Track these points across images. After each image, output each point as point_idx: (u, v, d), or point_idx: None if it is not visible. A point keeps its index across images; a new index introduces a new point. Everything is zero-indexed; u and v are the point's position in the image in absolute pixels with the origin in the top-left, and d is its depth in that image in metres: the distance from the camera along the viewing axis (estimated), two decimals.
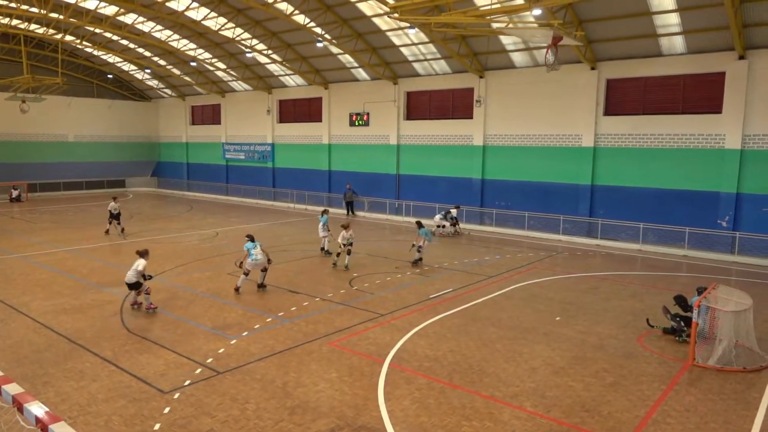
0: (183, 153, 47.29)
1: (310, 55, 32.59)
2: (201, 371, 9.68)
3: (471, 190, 29.02)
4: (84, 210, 33.19)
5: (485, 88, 27.95)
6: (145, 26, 33.46)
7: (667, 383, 9.50)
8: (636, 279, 17.37)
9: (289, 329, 11.97)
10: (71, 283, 15.66)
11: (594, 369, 10.07)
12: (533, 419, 8.17)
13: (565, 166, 25.69)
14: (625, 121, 23.96)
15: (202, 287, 15.42)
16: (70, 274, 16.80)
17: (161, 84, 45.53)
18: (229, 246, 21.61)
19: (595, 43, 23.28)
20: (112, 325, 12.10)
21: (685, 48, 21.95)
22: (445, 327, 12.25)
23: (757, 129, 20.79)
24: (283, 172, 39.07)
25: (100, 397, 8.69)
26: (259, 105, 39.73)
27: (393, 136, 32.16)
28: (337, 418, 8.10)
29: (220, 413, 8.20)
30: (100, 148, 45.93)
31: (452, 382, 9.42)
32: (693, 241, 21.55)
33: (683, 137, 22.51)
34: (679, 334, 11.67)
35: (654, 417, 8.30)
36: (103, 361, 10.08)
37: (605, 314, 13.41)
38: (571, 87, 25.01)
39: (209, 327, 12.06)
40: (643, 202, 23.60)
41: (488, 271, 17.95)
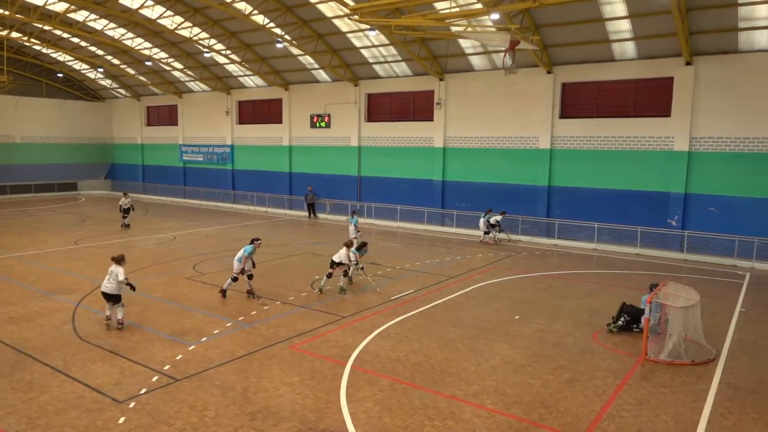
0: (138, 155, 45.98)
1: (269, 56, 32.24)
2: (158, 379, 9.43)
3: (432, 192, 29.28)
4: (32, 214, 31.86)
5: (445, 91, 28.26)
6: (97, 24, 32.42)
7: (621, 378, 9.80)
8: (591, 277, 17.87)
9: (249, 334, 11.79)
10: (18, 291, 15.00)
11: (552, 366, 10.30)
12: (494, 417, 8.29)
13: (523, 168, 26.23)
14: (580, 124, 24.65)
15: (159, 292, 15.02)
16: (17, 281, 16.09)
17: (115, 84, 44.17)
18: (187, 250, 21.13)
19: (551, 47, 23.87)
20: (63, 334, 11.65)
21: (636, 54, 22.75)
22: (406, 328, 12.31)
23: (704, 132, 21.72)
24: (243, 174, 38.49)
25: (51, 408, 8.35)
26: (217, 106, 39.03)
27: (354, 138, 32.14)
28: (299, 422, 8.02)
29: (178, 421, 8.01)
30: (50, 150, 44.19)
31: (414, 382, 9.47)
32: (645, 240, 22.34)
33: (635, 140, 23.31)
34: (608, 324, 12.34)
35: (609, 411, 8.55)
36: (53, 371, 9.69)
37: (562, 312, 13.74)
38: (528, 90, 25.56)
39: (166, 333, 11.76)
40: (597, 202, 24.31)
41: (449, 272, 18.14)
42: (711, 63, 21.26)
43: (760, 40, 20.09)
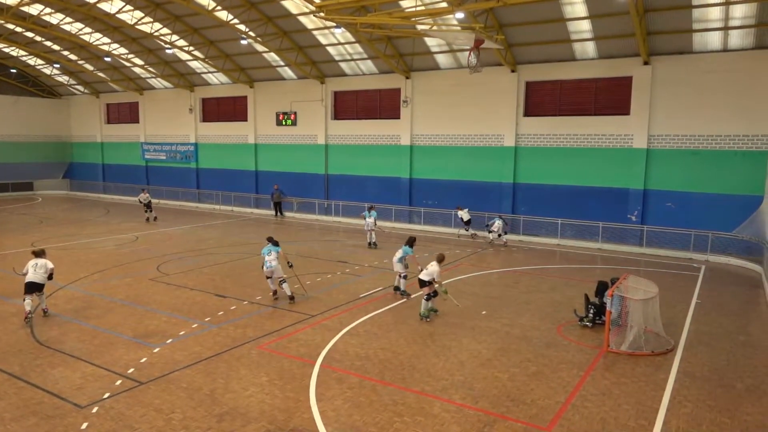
0: (98, 153, 44.67)
1: (234, 53, 31.77)
2: (121, 382, 9.22)
3: (399, 190, 29.39)
4: None
5: (411, 89, 28.39)
6: (53, 18, 31.32)
7: (584, 370, 10.07)
8: (555, 272, 18.26)
9: (216, 334, 11.63)
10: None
11: (518, 359, 10.50)
12: (462, 411, 8.41)
13: (489, 165, 26.58)
14: (543, 122, 25.13)
15: (121, 294, 14.66)
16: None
17: (72, 80, 42.78)
18: (150, 251, 20.68)
19: (514, 46, 24.24)
20: (20, 338, 11.27)
21: (596, 53, 23.31)
22: (375, 325, 12.35)
23: (661, 130, 22.44)
24: (208, 172, 37.84)
25: (8, 416, 8.07)
26: (180, 103, 38.24)
27: (321, 136, 31.98)
28: (268, 423, 7.96)
29: (144, 425, 7.85)
30: (4, 149, 42.51)
31: (383, 379, 9.51)
32: (606, 235, 22.96)
33: (596, 137, 23.90)
34: (581, 319, 12.57)
35: (573, 402, 8.77)
36: (10, 378, 9.37)
37: (527, 307, 14.01)
38: (493, 89, 25.90)
39: (130, 336, 11.50)
40: (561, 198, 24.84)
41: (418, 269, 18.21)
42: (667, 63, 21.97)
43: (713, 41, 20.85)
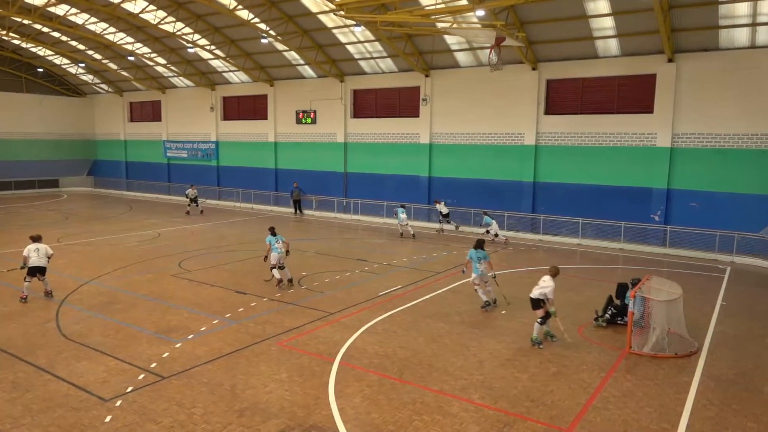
0: (121, 151, 45.41)
1: (254, 52, 32.00)
2: (144, 377, 9.37)
3: (418, 188, 29.34)
4: (12, 212, 31.34)
5: (431, 87, 28.30)
6: (78, 18, 31.89)
7: (606, 371, 9.95)
8: (576, 272, 18.07)
9: (236, 331, 11.75)
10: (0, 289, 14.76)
11: (538, 360, 10.41)
12: (481, 411, 8.37)
13: (509, 164, 26.39)
14: (564, 121, 24.86)
15: (144, 290, 14.89)
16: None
17: (97, 79, 43.53)
18: (172, 247, 20.96)
19: (535, 44, 24.01)
20: (47, 332, 11.52)
21: (619, 50, 22.98)
22: (394, 324, 12.35)
23: (685, 128, 22.04)
24: (228, 170, 38.22)
25: (35, 407, 8.26)
26: (202, 102, 38.67)
27: (340, 134, 32.06)
28: (288, 419, 8.02)
29: (166, 419, 7.97)
30: (31, 147, 43.47)
31: (402, 377, 9.51)
32: (628, 235, 22.63)
33: (618, 136, 23.57)
34: (596, 318, 12.48)
35: (594, 403, 8.67)
36: (37, 370, 9.58)
37: None
38: (513, 87, 25.69)
39: (152, 331, 11.67)
40: (581, 198, 24.56)
41: (436, 267, 18.21)
42: (692, 60, 21.56)
43: (740, 37, 20.41)
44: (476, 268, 13.32)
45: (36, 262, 13.54)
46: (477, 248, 13.48)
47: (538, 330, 11.18)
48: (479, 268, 13.29)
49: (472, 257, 13.43)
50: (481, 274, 13.33)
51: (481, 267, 13.31)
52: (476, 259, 13.33)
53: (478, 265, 13.28)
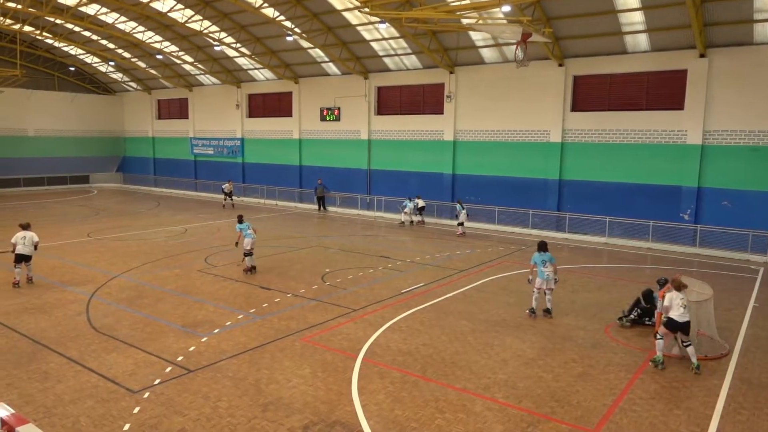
0: (149, 148, 46.26)
1: (279, 49, 32.23)
2: (171, 370, 9.53)
3: (442, 185, 29.22)
4: (45, 207, 32.20)
5: (455, 84, 28.13)
6: (108, 17, 32.54)
7: (633, 372, 9.77)
8: (602, 271, 17.79)
9: (261, 326, 11.87)
10: (34, 282, 15.18)
11: (563, 360, 10.28)
12: (505, 410, 8.31)
13: (534, 161, 26.09)
14: (591, 117, 24.46)
15: (171, 285, 15.15)
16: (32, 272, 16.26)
17: (126, 77, 44.38)
18: (198, 243, 21.27)
19: (562, 40, 23.67)
20: (78, 325, 11.80)
21: (649, 46, 22.50)
22: (417, 321, 12.33)
23: (717, 125, 21.48)
24: (253, 167, 38.61)
25: (67, 398, 8.47)
26: (227, 99, 39.13)
27: (364, 131, 32.11)
28: (311, 414, 8.08)
29: (192, 412, 8.10)
30: (63, 143, 44.58)
31: (425, 375, 9.49)
32: (657, 234, 22.18)
33: (647, 133, 23.10)
34: (620, 318, 12.27)
35: (621, 405, 8.53)
36: (68, 362, 9.83)
37: (573, 306, 13.69)
38: (539, 83, 25.38)
39: (179, 325, 11.87)
40: (609, 196, 24.15)
41: (459, 265, 18.12)
42: (725, 55, 20.99)
43: None
44: (542, 272, 12.43)
45: (21, 250, 14.41)
46: (541, 251, 12.53)
47: (692, 354, 9.90)
48: (545, 272, 12.41)
49: (536, 261, 12.51)
50: (548, 278, 12.43)
51: (547, 271, 12.40)
52: (541, 262, 12.43)
53: (544, 268, 12.39)
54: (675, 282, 10.15)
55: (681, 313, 9.80)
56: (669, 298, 9.98)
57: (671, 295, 9.99)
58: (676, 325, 9.87)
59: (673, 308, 9.87)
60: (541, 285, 12.53)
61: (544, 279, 12.45)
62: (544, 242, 12.83)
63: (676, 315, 9.82)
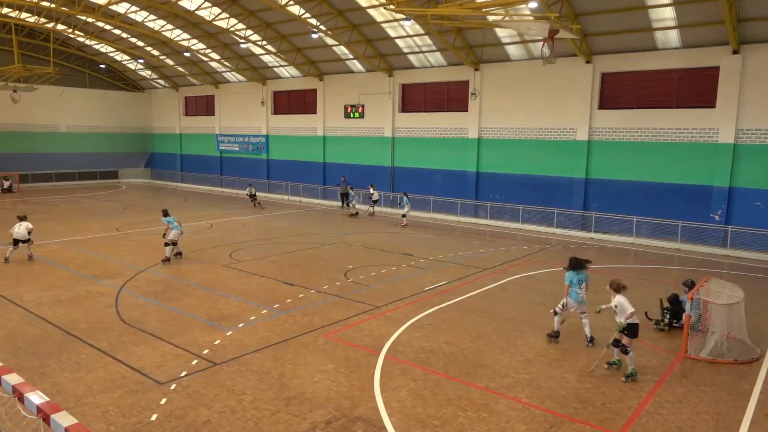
0: (176, 144, 47.02)
1: (304, 47, 32.42)
2: (197, 362, 9.70)
3: (466, 183, 29.07)
4: (76, 201, 32.98)
5: (480, 81, 27.94)
6: (138, 15, 33.14)
7: (659, 375, 9.61)
8: (629, 272, 17.50)
9: (284, 321, 11.99)
10: (65, 275, 15.60)
11: (587, 361, 10.15)
12: (528, 410, 8.25)
13: (560, 160, 25.78)
14: (620, 115, 24.05)
15: (197, 279, 15.39)
16: (63, 265, 16.73)
17: (154, 74, 45.16)
18: (223, 238, 21.57)
19: (590, 36, 23.31)
20: (107, 317, 12.08)
21: (679, 42, 22.02)
22: (440, 319, 12.31)
23: (750, 123, 20.92)
24: (278, 163, 38.96)
25: (97, 388, 8.69)
26: (253, 96, 39.53)
27: (388, 129, 32.12)
28: (334, 409, 8.14)
29: (217, 404, 8.23)
30: (93, 139, 45.60)
31: (448, 373, 9.48)
32: (686, 235, 21.72)
33: (677, 131, 22.62)
34: (657, 323, 11.98)
35: (647, 408, 8.40)
36: (98, 353, 10.07)
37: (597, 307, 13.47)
38: (566, 80, 25.05)
39: (204, 318, 12.06)
40: (636, 195, 23.74)
41: (483, 263, 18.02)
42: (760, 51, 20.41)
43: None
44: (575, 294, 10.74)
45: (16, 235, 16.98)
46: (577, 269, 10.71)
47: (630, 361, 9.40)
48: (579, 294, 10.73)
49: (572, 281, 10.76)
50: (581, 301, 10.79)
51: (582, 292, 10.75)
52: (576, 282, 10.73)
53: (578, 290, 10.72)
54: (614, 284, 9.63)
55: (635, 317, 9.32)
56: (619, 302, 9.37)
57: (620, 299, 9.38)
58: (637, 330, 9.39)
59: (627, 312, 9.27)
60: (576, 309, 10.88)
61: (578, 302, 10.79)
62: (578, 259, 10.93)
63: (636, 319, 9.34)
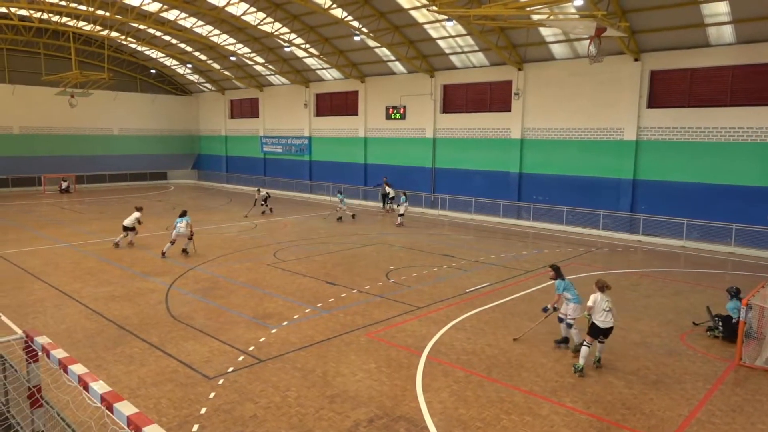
0: (222, 146, 48.26)
1: (347, 49, 32.74)
2: (243, 359, 9.96)
3: (508, 184, 28.73)
4: (128, 201, 34.25)
5: (524, 81, 27.57)
6: (186, 22, 34.21)
7: (712, 382, 9.29)
8: (679, 276, 16.95)
9: (327, 320, 12.16)
10: (118, 272, 16.26)
11: (635, 366, 9.91)
12: (573, 415, 8.12)
13: (606, 160, 25.16)
14: (670, 114, 23.29)
15: (243, 278, 15.78)
16: (117, 262, 17.44)
17: (202, 78, 46.50)
18: (267, 238, 22.01)
19: (639, 33, 22.67)
20: (158, 313, 12.54)
21: (734, 38, 21.16)
22: (482, 321, 12.24)
23: None
24: (320, 165, 39.45)
25: (149, 381, 9.05)
26: (296, 98, 40.18)
27: (429, 130, 32.07)
28: (376, 408, 8.22)
29: (263, 400, 8.44)
30: (143, 142, 47.31)
31: (490, 375, 9.43)
32: (740, 238, 20.84)
33: (731, 131, 21.74)
34: (710, 329, 11.51)
35: (698, 416, 8.14)
36: (150, 347, 10.47)
37: (647, 311, 13.15)
38: (613, 79, 24.43)
39: (250, 316, 12.36)
40: (687, 197, 22.92)
41: (526, 266, 17.79)
42: None
43: None
44: (576, 297, 10.42)
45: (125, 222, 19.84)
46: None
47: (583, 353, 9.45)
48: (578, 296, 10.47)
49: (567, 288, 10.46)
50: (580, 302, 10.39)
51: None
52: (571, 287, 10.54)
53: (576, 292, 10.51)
54: (599, 283, 9.53)
55: (604, 319, 9.34)
56: (593, 300, 9.32)
57: (595, 297, 9.35)
58: (598, 331, 9.44)
59: (596, 311, 9.34)
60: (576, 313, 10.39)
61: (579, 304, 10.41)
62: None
63: (599, 320, 9.35)
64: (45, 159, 41.31)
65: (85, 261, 17.69)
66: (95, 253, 18.84)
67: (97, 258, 18.11)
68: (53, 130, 41.97)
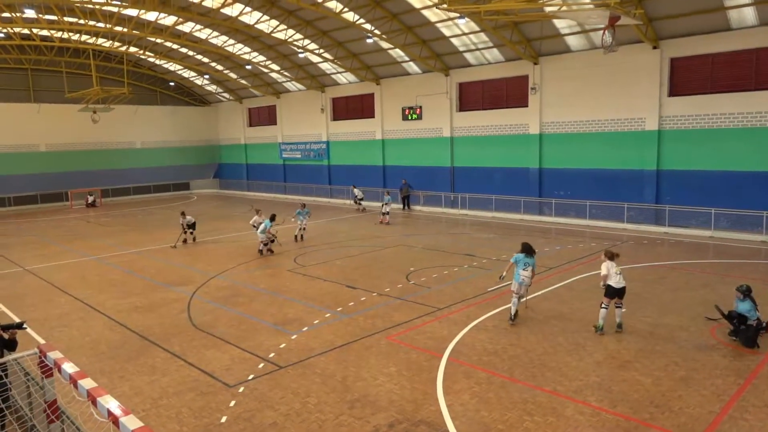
0: (242, 154, 48.76)
1: (360, 52, 32.76)
2: (264, 366, 9.96)
3: (528, 180, 28.37)
4: (152, 213, 34.81)
5: (540, 75, 27.20)
6: (202, 33, 34.66)
7: (744, 377, 8.96)
8: (708, 267, 16.47)
9: (347, 324, 12.11)
10: (141, 283, 16.48)
11: (663, 362, 9.62)
12: (599, 414, 7.90)
13: (628, 152, 24.64)
14: (692, 102, 22.70)
15: (263, 284, 15.84)
16: (140, 274, 17.68)
17: (219, 88, 47.06)
18: (287, 244, 22.09)
19: (656, 20, 22.16)
20: (180, 322, 12.64)
21: (756, 20, 20.52)
22: (504, 320, 12.04)
23: None
24: (339, 169, 39.54)
25: (171, 390, 9.10)
26: (312, 104, 40.37)
27: (446, 129, 31.87)
28: (397, 412, 8.12)
29: (283, 407, 8.41)
30: (165, 153, 48.08)
31: (513, 376, 9.25)
32: None
33: (757, 115, 21.09)
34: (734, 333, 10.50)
35: (730, 413, 7.84)
36: (172, 356, 10.55)
37: (674, 305, 12.79)
38: (631, 68, 23.92)
39: (271, 323, 12.38)
40: (714, 186, 22.31)
41: (548, 262, 17.50)
42: None
43: None
44: (517, 275, 11.75)
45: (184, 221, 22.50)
46: (526, 253, 11.75)
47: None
48: (521, 276, 11.70)
49: (517, 261, 11.79)
50: (521, 282, 11.73)
51: (525, 275, 11.70)
52: (522, 264, 11.72)
53: (522, 271, 11.70)
54: (608, 252, 11.13)
55: (617, 281, 10.82)
56: (606, 267, 10.93)
57: (607, 265, 10.95)
58: (614, 291, 10.91)
59: (610, 276, 10.86)
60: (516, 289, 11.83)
61: (518, 282, 11.80)
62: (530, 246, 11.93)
63: (613, 282, 10.84)
64: (71, 174, 42.26)
65: (110, 273, 17.98)
66: (119, 264, 19.14)
67: (120, 269, 18.39)
68: (78, 146, 42.93)
